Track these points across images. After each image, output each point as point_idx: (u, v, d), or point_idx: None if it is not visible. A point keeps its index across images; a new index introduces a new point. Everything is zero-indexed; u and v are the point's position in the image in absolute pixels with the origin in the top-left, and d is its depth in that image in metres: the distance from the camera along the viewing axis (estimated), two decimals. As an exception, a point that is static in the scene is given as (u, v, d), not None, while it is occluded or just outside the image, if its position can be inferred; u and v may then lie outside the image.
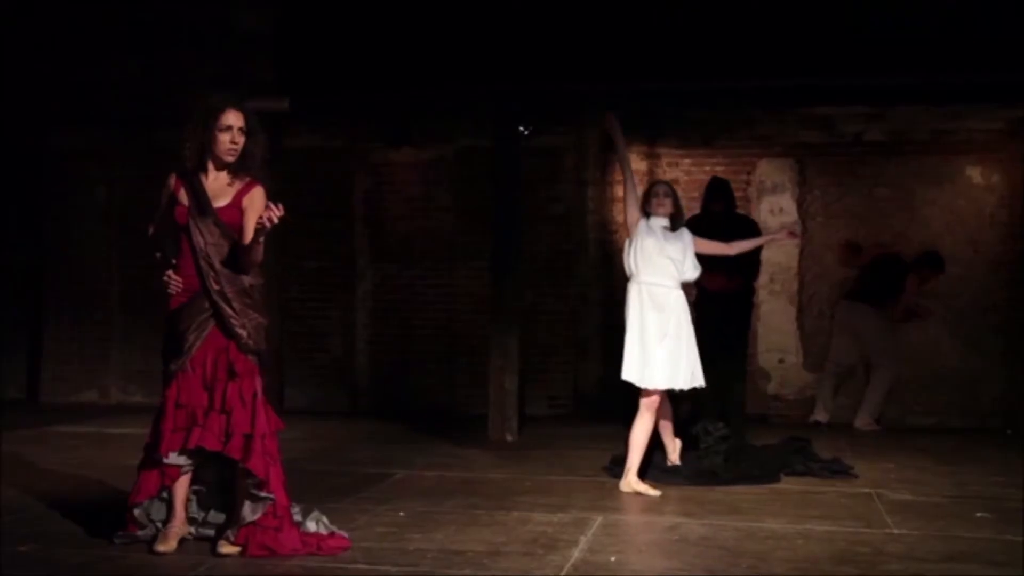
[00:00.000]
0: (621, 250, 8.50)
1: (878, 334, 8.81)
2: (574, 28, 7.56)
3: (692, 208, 9.39)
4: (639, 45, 7.46)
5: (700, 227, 6.45)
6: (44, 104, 8.91)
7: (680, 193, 9.30)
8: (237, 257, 4.42)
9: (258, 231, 4.28)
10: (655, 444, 6.25)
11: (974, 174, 9.12)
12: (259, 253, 4.43)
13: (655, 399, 5.97)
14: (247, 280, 4.47)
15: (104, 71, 8.34)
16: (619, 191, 9.53)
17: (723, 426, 6.72)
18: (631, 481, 5.92)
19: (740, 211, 8.37)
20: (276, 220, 4.21)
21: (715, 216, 7.54)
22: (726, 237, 7.33)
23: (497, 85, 7.75)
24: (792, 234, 7.00)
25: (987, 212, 9.08)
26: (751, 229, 7.55)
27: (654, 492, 5.85)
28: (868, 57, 7.20)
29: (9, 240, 10.09)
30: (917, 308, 8.88)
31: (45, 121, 9.54)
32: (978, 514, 5.41)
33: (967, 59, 7.11)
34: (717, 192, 7.73)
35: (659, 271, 5.95)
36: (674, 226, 6.07)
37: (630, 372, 5.93)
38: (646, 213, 6.10)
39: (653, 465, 6.34)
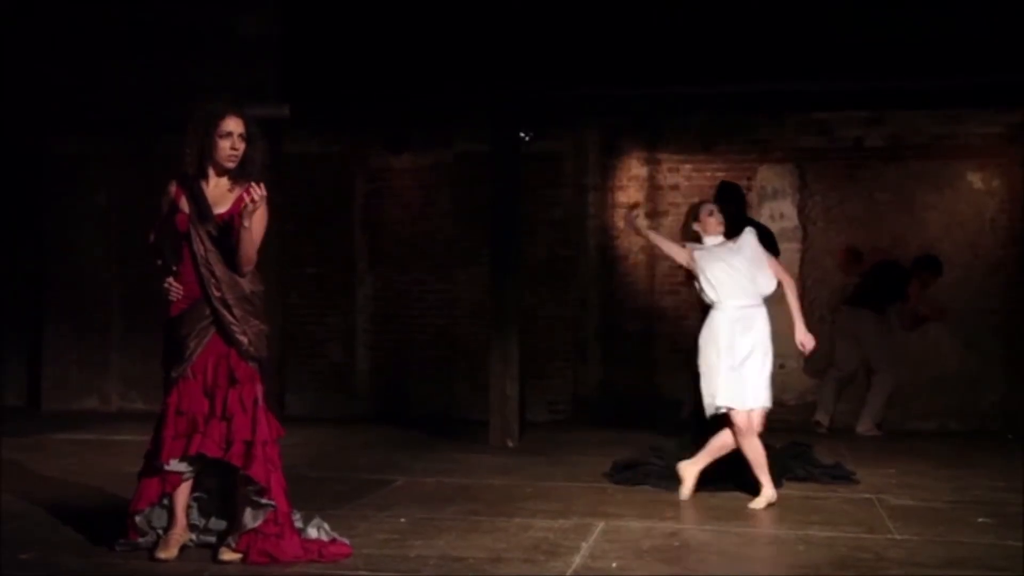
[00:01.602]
0: (622, 256, 8.59)
1: (879, 339, 8.82)
2: (573, 33, 7.57)
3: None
4: (638, 50, 7.46)
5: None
6: (45, 109, 8.91)
7: (681, 199, 9.48)
8: (233, 253, 4.42)
9: (243, 213, 4.31)
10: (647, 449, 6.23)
11: (974, 179, 9.13)
12: (251, 244, 4.40)
13: (751, 420, 5.78)
14: (248, 287, 4.48)
15: (105, 77, 8.33)
16: (620, 196, 9.56)
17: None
18: (771, 496, 5.73)
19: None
20: (258, 199, 4.26)
21: (728, 220, 7.50)
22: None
23: (497, 91, 7.75)
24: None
25: (987, 216, 9.09)
26: (766, 236, 7.51)
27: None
28: (867, 62, 7.20)
29: (9, 245, 10.09)
30: (928, 311, 8.86)
31: (46, 126, 9.53)
32: (979, 519, 5.41)
33: (966, 63, 7.12)
34: (726, 196, 7.62)
35: (740, 292, 5.80)
36: (730, 235, 5.95)
37: (727, 398, 5.72)
38: (697, 238, 5.97)
39: (652, 472, 6.34)
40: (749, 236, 5.95)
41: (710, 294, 5.85)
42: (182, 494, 4.51)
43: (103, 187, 9.99)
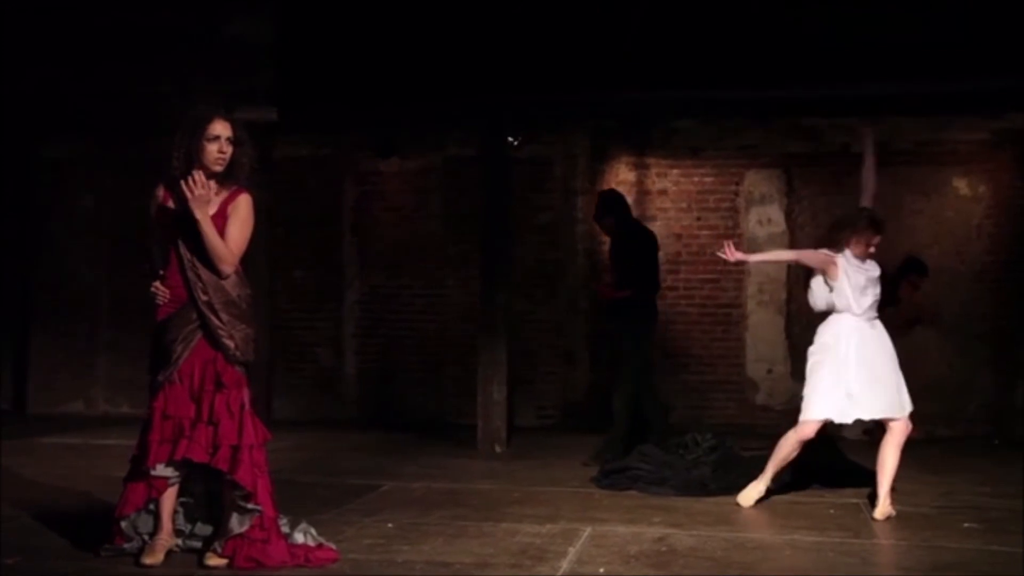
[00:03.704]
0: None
1: None
2: (561, 39, 7.58)
3: (683, 219, 9.50)
4: (626, 55, 7.47)
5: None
6: (33, 113, 8.88)
7: (669, 204, 9.50)
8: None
9: (190, 203, 4.31)
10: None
11: (960, 185, 9.16)
12: (213, 236, 4.36)
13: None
14: (234, 290, 4.46)
15: (93, 80, 8.31)
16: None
17: (711, 437, 6.73)
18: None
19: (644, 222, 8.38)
20: (192, 186, 4.27)
21: (608, 232, 7.58)
22: (622, 253, 7.35)
23: (486, 96, 7.75)
24: None
25: (973, 223, 9.12)
26: (646, 240, 7.58)
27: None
28: (855, 68, 7.23)
29: (-4, 249, 10.06)
30: (921, 312, 8.88)
31: (34, 130, 9.51)
32: (965, 524, 5.42)
33: (953, 69, 7.15)
34: (604, 207, 7.60)
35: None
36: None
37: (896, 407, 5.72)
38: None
39: (640, 476, 6.35)
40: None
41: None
42: (168, 499, 4.49)
43: (90, 191, 9.96)
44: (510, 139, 8.24)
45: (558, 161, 9.54)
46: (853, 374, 5.65)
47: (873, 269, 5.85)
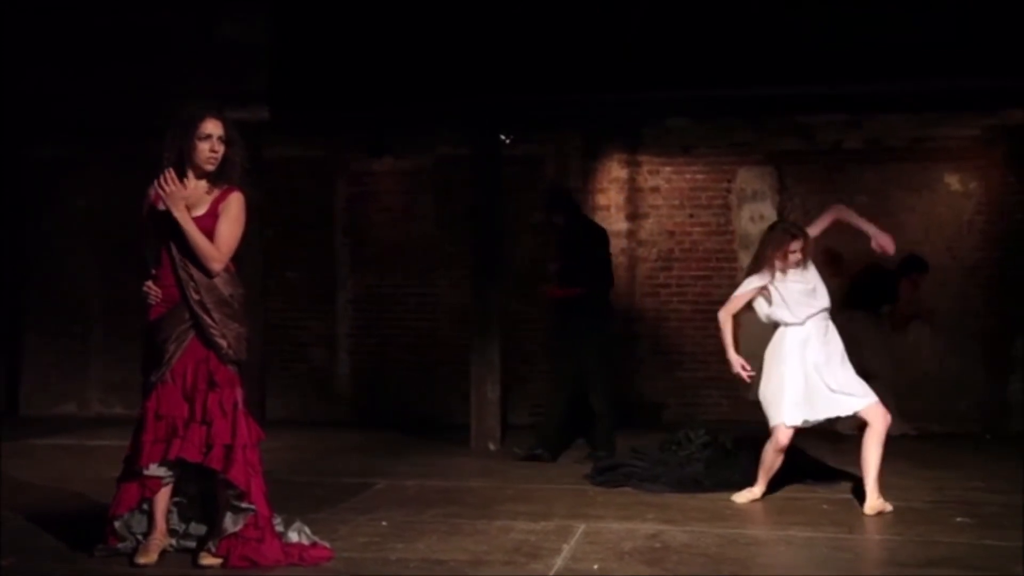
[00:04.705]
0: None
1: (876, 342, 8.81)
2: (553, 38, 7.58)
3: (675, 216, 9.51)
4: (618, 54, 7.48)
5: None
6: (25, 114, 8.87)
7: (662, 201, 9.52)
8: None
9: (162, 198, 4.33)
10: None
11: (952, 181, 9.19)
12: (193, 232, 4.36)
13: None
14: (226, 290, 4.46)
15: (86, 81, 8.30)
16: (601, 199, 9.57)
17: (704, 433, 6.75)
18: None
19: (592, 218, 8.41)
20: (163, 184, 4.28)
21: (557, 229, 7.55)
22: (572, 249, 7.34)
23: (478, 96, 7.75)
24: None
25: (965, 219, 9.15)
26: (598, 237, 7.57)
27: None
28: (846, 65, 7.24)
29: (-12, 251, 10.04)
30: (919, 310, 8.90)
31: (26, 132, 9.49)
32: (957, 519, 5.44)
33: (943, 67, 7.17)
34: (553, 204, 7.59)
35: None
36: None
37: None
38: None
39: (633, 473, 6.36)
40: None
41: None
42: (162, 499, 4.49)
43: (83, 192, 9.94)
44: (502, 138, 8.24)
45: (550, 160, 9.55)
46: (799, 378, 5.73)
47: (810, 279, 5.88)
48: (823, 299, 5.86)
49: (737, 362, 5.97)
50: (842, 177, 9.29)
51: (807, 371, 5.74)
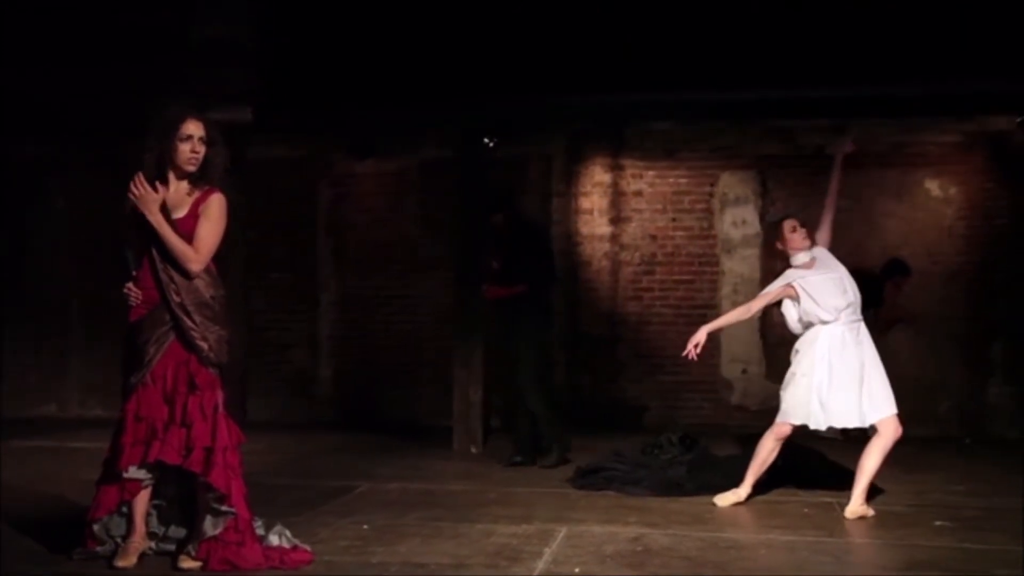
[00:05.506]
0: (586, 262, 8.58)
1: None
2: (537, 41, 7.58)
3: (658, 220, 9.53)
4: (602, 58, 7.49)
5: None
6: (4, 114, 8.80)
7: (644, 205, 9.53)
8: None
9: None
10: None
11: (932, 187, 9.25)
12: (168, 235, 4.34)
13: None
14: (207, 292, 4.44)
15: (65, 81, 8.25)
16: (584, 203, 9.58)
17: (686, 437, 6.77)
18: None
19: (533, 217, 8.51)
20: (134, 188, 4.29)
21: (497, 228, 7.50)
22: (511, 248, 7.31)
23: (462, 99, 7.74)
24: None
25: (945, 224, 9.21)
26: (538, 234, 7.60)
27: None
28: (829, 71, 7.27)
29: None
30: (903, 312, 8.94)
31: (4, 131, 9.41)
32: (937, 523, 5.47)
33: (925, 73, 7.21)
34: (495, 203, 7.56)
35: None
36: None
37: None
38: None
39: (615, 477, 6.36)
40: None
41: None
42: (141, 502, 4.46)
43: (64, 192, 9.88)
44: (486, 141, 8.24)
45: (534, 163, 9.56)
46: (826, 383, 5.70)
47: (832, 266, 5.88)
48: (852, 292, 5.82)
49: (697, 340, 5.89)
50: (824, 182, 9.27)
51: (835, 377, 5.69)
